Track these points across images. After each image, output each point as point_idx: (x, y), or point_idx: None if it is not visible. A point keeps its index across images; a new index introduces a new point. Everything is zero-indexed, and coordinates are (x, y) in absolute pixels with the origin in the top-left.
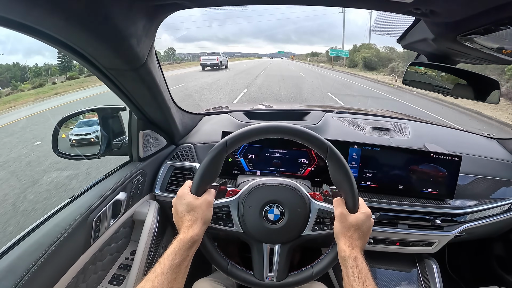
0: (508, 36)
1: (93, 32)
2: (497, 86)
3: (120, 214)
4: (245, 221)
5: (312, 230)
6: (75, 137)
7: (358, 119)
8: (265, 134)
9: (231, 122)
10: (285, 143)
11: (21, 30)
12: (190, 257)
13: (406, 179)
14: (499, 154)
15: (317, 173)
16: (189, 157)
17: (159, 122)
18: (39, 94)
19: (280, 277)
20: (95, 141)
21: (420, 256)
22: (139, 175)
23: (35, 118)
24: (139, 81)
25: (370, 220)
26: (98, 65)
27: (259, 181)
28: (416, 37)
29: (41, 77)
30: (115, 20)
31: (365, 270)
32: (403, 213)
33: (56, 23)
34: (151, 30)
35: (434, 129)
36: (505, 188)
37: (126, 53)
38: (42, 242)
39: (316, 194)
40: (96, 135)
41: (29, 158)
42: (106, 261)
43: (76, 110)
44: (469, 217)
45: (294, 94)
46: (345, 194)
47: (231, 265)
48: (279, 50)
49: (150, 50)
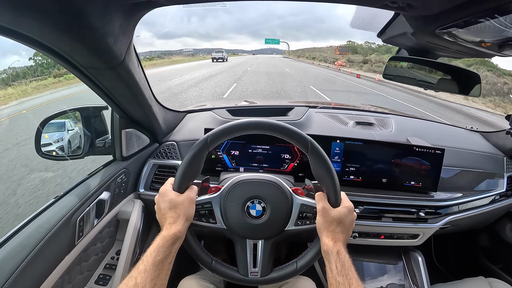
0: (487, 29)
1: (68, 31)
2: (478, 79)
3: (104, 213)
4: (227, 217)
5: (295, 225)
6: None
7: (341, 114)
8: (246, 130)
9: (214, 119)
10: (268, 139)
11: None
12: (173, 253)
13: (390, 172)
14: (482, 147)
15: (300, 168)
16: (172, 155)
17: (141, 120)
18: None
19: (264, 273)
20: (58, 154)
21: (406, 249)
22: (123, 174)
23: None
24: (118, 79)
25: (353, 214)
26: (76, 64)
27: (241, 177)
28: (396, 32)
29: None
30: (89, 18)
31: (348, 263)
32: (387, 207)
33: (30, 23)
34: (128, 28)
35: (417, 123)
36: (488, 180)
37: (103, 52)
38: (25, 244)
39: (299, 189)
40: (59, 145)
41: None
42: (91, 261)
43: (58, 110)
44: (453, 209)
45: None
46: (326, 189)
47: (215, 261)
48: (268, 39)
49: (128, 48)
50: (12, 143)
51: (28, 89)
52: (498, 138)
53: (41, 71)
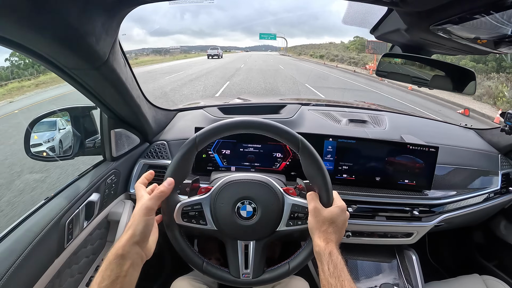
0: (483, 25)
1: (46, 32)
2: (473, 77)
3: (94, 215)
4: (218, 219)
5: (286, 225)
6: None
7: (334, 112)
8: (235, 129)
9: (205, 118)
10: (259, 138)
11: None
12: (126, 275)
13: (383, 171)
14: (476, 144)
15: (292, 167)
16: (163, 155)
17: (130, 120)
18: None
19: (256, 274)
20: (48, 155)
21: (400, 247)
22: (113, 175)
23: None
24: (103, 79)
25: (345, 214)
26: (60, 66)
27: (231, 178)
28: (389, 28)
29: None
30: (68, 18)
31: (340, 264)
32: (381, 205)
33: (8, 25)
34: (111, 27)
35: (411, 120)
36: (483, 177)
37: (85, 52)
38: (13, 249)
39: (290, 189)
40: (50, 145)
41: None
42: (82, 263)
43: (47, 111)
44: (448, 207)
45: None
46: (318, 188)
47: (206, 263)
48: (263, 33)
49: (113, 47)
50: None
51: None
52: (493, 135)
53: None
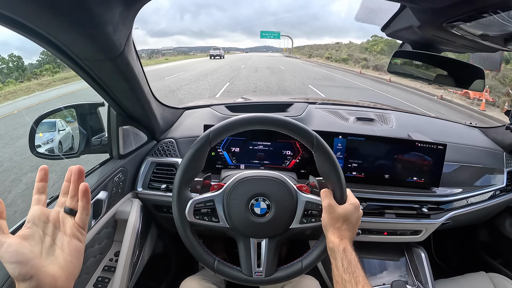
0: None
1: (66, 17)
2: (482, 74)
3: (102, 214)
4: (231, 216)
5: (300, 223)
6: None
7: (341, 110)
8: (250, 125)
9: (213, 116)
10: (269, 135)
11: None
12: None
13: (392, 168)
14: (481, 142)
15: (302, 165)
16: (171, 153)
17: (139, 117)
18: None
19: (269, 272)
20: (53, 153)
21: (408, 245)
22: (120, 173)
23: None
24: (116, 72)
25: (359, 211)
26: (73, 56)
27: (244, 174)
28: (401, 25)
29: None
30: (90, 4)
31: (354, 261)
32: (390, 203)
33: (29, 11)
34: (128, 18)
35: (417, 119)
36: (488, 175)
37: (102, 41)
38: None
39: (303, 186)
40: (49, 147)
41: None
42: (89, 263)
43: (52, 108)
44: (455, 204)
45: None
46: (332, 185)
47: (218, 262)
48: (265, 31)
49: (128, 39)
50: None
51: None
52: (497, 133)
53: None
